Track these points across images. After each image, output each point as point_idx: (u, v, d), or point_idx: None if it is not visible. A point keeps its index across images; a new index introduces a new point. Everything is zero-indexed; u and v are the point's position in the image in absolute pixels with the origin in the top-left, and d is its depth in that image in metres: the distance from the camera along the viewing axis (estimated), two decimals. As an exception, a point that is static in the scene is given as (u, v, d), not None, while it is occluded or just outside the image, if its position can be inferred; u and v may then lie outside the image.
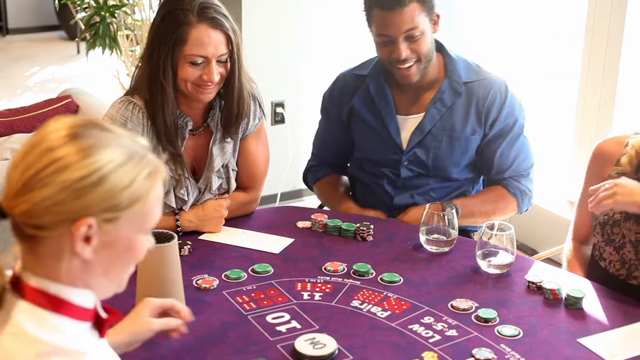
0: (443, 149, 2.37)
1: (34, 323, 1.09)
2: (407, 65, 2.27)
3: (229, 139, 2.20)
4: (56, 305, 1.11)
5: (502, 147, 2.39)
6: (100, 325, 1.18)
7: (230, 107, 2.14)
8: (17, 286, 1.12)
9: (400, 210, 2.42)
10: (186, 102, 2.12)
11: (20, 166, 1.08)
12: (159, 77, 2.03)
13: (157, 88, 2.04)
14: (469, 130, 2.37)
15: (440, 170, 2.39)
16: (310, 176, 2.60)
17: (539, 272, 1.97)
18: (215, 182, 2.19)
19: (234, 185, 2.25)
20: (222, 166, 2.20)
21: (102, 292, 1.16)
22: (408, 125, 2.40)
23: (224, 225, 2.20)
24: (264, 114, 2.28)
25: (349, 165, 2.58)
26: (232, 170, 2.23)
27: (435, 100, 2.37)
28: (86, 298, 1.14)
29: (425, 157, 2.38)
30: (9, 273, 1.14)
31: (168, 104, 2.05)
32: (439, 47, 2.39)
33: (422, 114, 2.38)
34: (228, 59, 2.06)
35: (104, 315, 1.18)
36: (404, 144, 2.39)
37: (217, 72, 2.03)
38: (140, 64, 2.13)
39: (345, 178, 2.58)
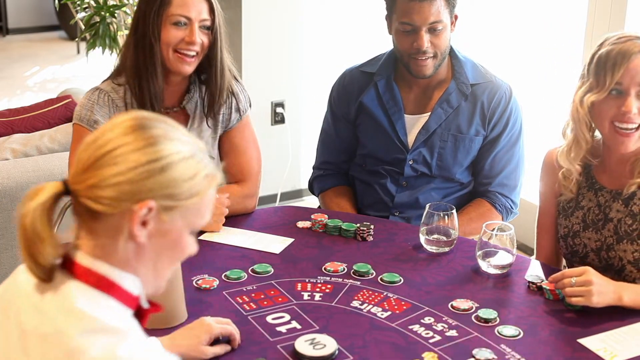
0: (448, 149, 2.38)
1: (83, 300, 1.13)
2: (424, 57, 2.29)
3: (207, 125, 2.25)
4: (106, 286, 1.15)
5: (495, 152, 2.40)
6: (140, 316, 1.22)
7: (215, 81, 2.20)
8: (66, 265, 1.17)
9: (400, 209, 2.43)
10: (164, 79, 2.17)
11: (92, 147, 1.15)
12: (147, 40, 2.11)
13: (146, 52, 2.12)
14: (473, 131, 2.38)
15: (444, 170, 2.40)
16: (316, 185, 2.60)
17: (539, 272, 1.97)
18: None
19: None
20: None
21: (146, 283, 1.21)
22: (414, 125, 2.41)
23: (224, 225, 2.20)
24: (249, 106, 2.33)
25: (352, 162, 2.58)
26: (210, 157, 2.25)
27: (442, 101, 2.39)
28: (134, 284, 1.19)
29: (429, 156, 2.39)
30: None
31: (157, 66, 2.12)
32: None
33: (428, 113, 2.40)
34: (211, 29, 2.15)
35: (145, 305, 1.23)
36: (410, 141, 2.40)
37: (199, 36, 2.12)
38: (123, 48, 2.21)
39: (350, 189, 2.56)
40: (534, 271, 1.98)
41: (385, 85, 2.43)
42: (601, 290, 1.76)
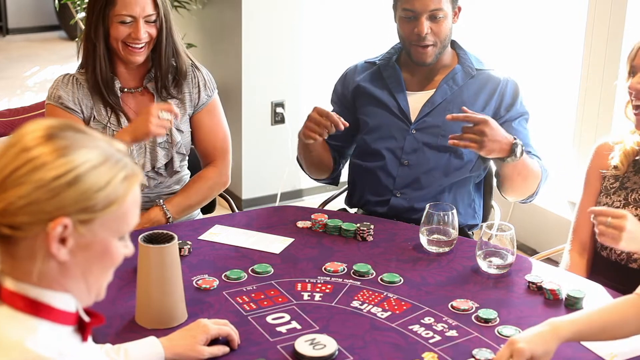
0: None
1: (11, 327, 1.09)
2: (424, 44, 2.35)
3: (172, 100, 2.36)
4: (35, 308, 1.11)
5: (517, 125, 2.40)
6: (83, 329, 1.17)
7: (160, 63, 2.32)
8: None
9: (402, 189, 2.41)
10: (122, 63, 2.33)
11: None
12: (91, 36, 2.27)
13: (91, 46, 2.28)
14: (478, 107, 2.40)
15: (447, 139, 2.38)
16: None
17: (539, 272, 1.97)
18: (160, 137, 2.34)
19: (176, 137, 2.37)
20: None
21: (81, 297, 1.16)
22: (417, 99, 2.45)
23: (223, 226, 2.21)
24: (215, 88, 2.46)
25: (350, 154, 2.58)
26: (176, 129, 2.38)
27: (447, 79, 2.44)
28: (67, 302, 1.14)
29: (433, 125, 2.40)
30: None
31: (99, 61, 2.28)
32: (452, 42, 2.48)
33: (433, 90, 2.44)
34: (156, 21, 2.27)
35: (86, 318, 1.18)
36: (413, 116, 2.43)
37: (144, 31, 2.24)
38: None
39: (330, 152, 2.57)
40: (534, 271, 1.98)
41: (386, 66, 2.49)
42: (631, 237, 1.80)
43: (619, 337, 1.63)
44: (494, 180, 2.63)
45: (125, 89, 2.34)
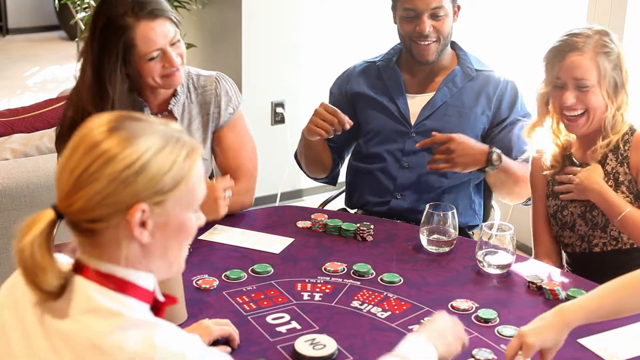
0: (452, 123, 2.41)
1: (105, 299, 1.15)
2: (427, 42, 2.35)
3: (195, 125, 2.25)
4: (123, 286, 1.17)
5: (517, 130, 2.41)
6: (157, 309, 1.23)
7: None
8: (78, 269, 1.18)
9: (402, 191, 2.42)
10: (152, 90, 2.17)
11: (67, 167, 1.14)
12: (105, 85, 2.07)
13: (104, 94, 2.07)
14: (478, 110, 2.42)
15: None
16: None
17: (539, 272, 1.97)
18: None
19: (206, 166, 2.28)
20: None
21: (161, 273, 1.22)
22: (417, 102, 2.45)
23: (223, 226, 2.20)
24: (240, 102, 2.32)
25: (350, 156, 2.59)
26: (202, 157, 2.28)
27: (447, 81, 2.44)
28: (148, 280, 1.20)
29: (433, 128, 2.40)
30: (67, 261, 1.20)
31: (119, 100, 2.06)
32: (452, 43, 2.48)
33: (433, 92, 2.45)
34: (179, 40, 2.10)
35: (161, 298, 1.24)
36: (413, 119, 2.44)
37: (176, 56, 2.08)
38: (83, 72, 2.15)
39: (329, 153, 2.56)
40: (534, 271, 1.98)
41: (386, 67, 2.50)
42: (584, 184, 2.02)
43: (632, 312, 1.59)
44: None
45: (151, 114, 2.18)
